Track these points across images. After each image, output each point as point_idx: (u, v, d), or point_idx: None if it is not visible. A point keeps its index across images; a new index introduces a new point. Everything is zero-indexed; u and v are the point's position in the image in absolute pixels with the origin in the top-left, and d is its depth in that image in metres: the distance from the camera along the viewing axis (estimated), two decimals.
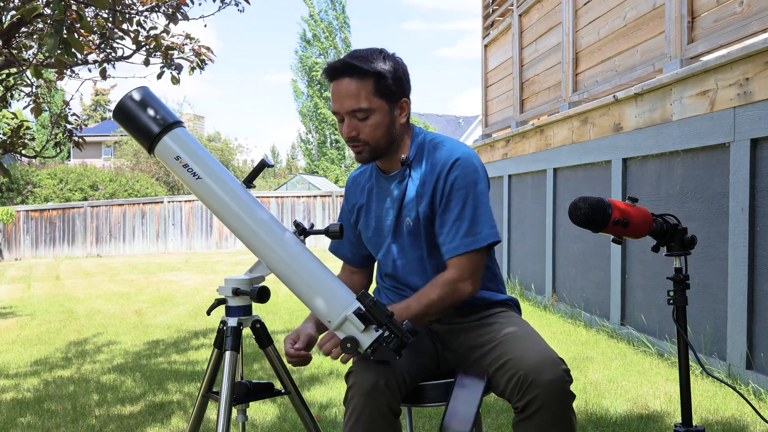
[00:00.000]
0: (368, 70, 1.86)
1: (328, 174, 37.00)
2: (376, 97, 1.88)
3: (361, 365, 1.78)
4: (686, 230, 1.77)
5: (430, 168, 1.95)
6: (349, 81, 1.87)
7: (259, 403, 3.55)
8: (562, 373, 1.72)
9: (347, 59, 1.87)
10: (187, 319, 6.96)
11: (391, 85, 1.89)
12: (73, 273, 13.26)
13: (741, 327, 3.73)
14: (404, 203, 1.98)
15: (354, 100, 1.86)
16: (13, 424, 3.51)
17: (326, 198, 18.97)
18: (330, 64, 1.89)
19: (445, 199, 1.91)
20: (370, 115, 1.88)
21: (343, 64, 1.87)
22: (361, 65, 1.85)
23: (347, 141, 1.91)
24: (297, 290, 1.77)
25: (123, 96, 1.78)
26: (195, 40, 5.12)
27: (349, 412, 1.75)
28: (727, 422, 3.16)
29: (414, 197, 1.96)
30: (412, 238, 1.98)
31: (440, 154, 1.95)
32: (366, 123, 1.88)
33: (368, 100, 1.87)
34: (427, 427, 3.23)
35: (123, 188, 22.63)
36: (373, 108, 1.88)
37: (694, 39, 4.31)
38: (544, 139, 6.68)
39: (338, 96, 1.88)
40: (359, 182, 2.13)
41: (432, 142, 1.99)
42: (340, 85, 1.88)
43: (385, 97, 1.89)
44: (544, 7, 6.92)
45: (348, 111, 1.88)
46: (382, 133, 1.90)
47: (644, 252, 4.83)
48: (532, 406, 1.70)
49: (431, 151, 1.97)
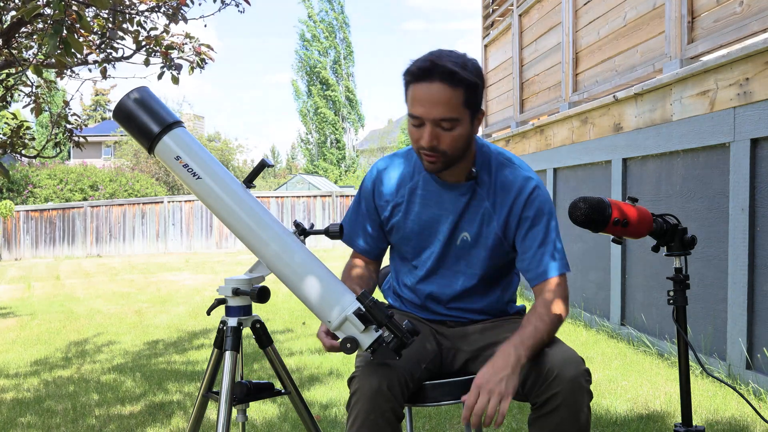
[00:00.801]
0: (464, 78, 1.74)
1: (328, 174, 37.00)
2: (464, 108, 1.77)
3: (365, 369, 1.77)
4: (686, 230, 1.77)
5: (501, 187, 1.89)
6: (441, 86, 1.73)
7: (259, 403, 3.55)
8: (584, 371, 1.73)
9: (443, 62, 1.74)
10: (187, 319, 6.96)
11: (477, 97, 1.79)
12: (73, 273, 13.27)
13: (741, 327, 3.73)
14: (465, 216, 1.92)
15: (444, 108, 1.74)
16: (13, 423, 3.51)
17: (326, 198, 18.97)
18: (420, 65, 1.75)
19: (528, 224, 1.87)
20: (456, 125, 1.77)
21: (439, 67, 1.73)
22: (460, 72, 1.73)
23: (423, 149, 1.79)
24: (296, 290, 1.77)
25: (123, 96, 1.78)
26: (195, 40, 5.12)
27: (352, 418, 1.74)
28: (727, 422, 3.16)
29: (480, 214, 1.90)
30: (463, 253, 1.95)
31: (514, 176, 1.89)
32: (450, 133, 1.77)
33: (458, 109, 1.76)
34: (427, 426, 3.23)
35: (123, 188, 22.63)
36: (460, 118, 1.77)
37: (694, 39, 4.31)
38: (544, 139, 6.68)
39: (425, 100, 1.74)
40: (395, 177, 2.01)
41: (499, 158, 1.93)
42: (430, 90, 1.74)
43: (471, 108, 1.79)
44: (544, 7, 6.92)
45: (434, 119, 1.75)
46: (461, 145, 1.81)
47: (644, 252, 4.83)
48: (552, 402, 1.70)
49: (499, 168, 1.91)
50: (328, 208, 18.81)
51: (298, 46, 41.51)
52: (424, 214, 1.96)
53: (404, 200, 1.98)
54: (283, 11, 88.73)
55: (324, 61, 39.37)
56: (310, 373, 4.38)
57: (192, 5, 4.83)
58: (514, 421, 3.25)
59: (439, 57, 1.76)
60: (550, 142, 6.52)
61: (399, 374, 1.77)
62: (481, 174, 1.91)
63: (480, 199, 1.91)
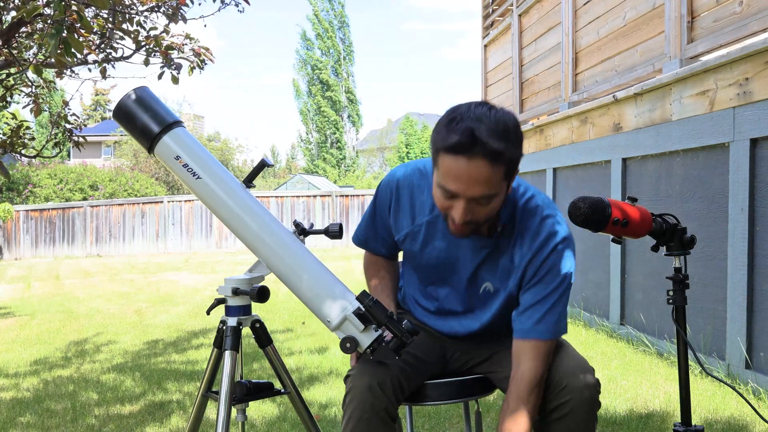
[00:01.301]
0: (510, 156, 1.60)
1: (327, 174, 37.00)
2: (503, 181, 1.63)
3: (359, 369, 1.78)
4: (685, 230, 1.77)
5: (522, 239, 1.78)
6: (482, 164, 1.57)
7: (258, 403, 3.55)
8: (595, 381, 1.75)
9: (485, 137, 1.55)
10: (186, 318, 6.96)
11: (516, 166, 1.65)
12: (73, 273, 13.26)
13: (740, 326, 3.73)
14: (484, 265, 1.83)
15: (484, 187, 1.60)
16: (12, 423, 3.51)
17: (326, 198, 18.97)
18: (460, 139, 1.56)
19: (537, 278, 1.77)
20: (493, 199, 1.64)
21: (482, 143, 1.55)
22: (505, 150, 1.58)
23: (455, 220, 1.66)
24: (296, 290, 1.77)
25: (123, 96, 1.78)
26: (195, 41, 5.12)
27: (347, 417, 1.74)
28: (727, 422, 3.16)
29: (500, 267, 1.82)
30: (485, 300, 1.89)
31: (537, 229, 1.77)
32: (486, 207, 1.65)
33: (497, 185, 1.62)
34: (427, 426, 3.23)
35: (123, 188, 22.62)
36: (498, 193, 1.64)
37: (693, 39, 4.32)
38: (543, 139, 6.69)
39: (464, 178, 1.59)
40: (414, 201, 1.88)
41: (525, 205, 1.79)
42: (469, 167, 1.57)
43: (509, 179, 1.66)
44: (543, 7, 6.92)
45: (473, 196, 1.61)
46: (495, 213, 1.70)
47: (644, 252, 4.83)
48: (562, 409, 1.71)
49: (525, 216, 1.78)
50: (328, 208, 18.81)
51: (299, 45, 41.57)
52: (443, 252, 1.85)
53: (421, 230, 1.87)
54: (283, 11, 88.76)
55: (326, 61, 39.39)
56: (309, 372, 4.38)
57: (192, 5, 4.84)
58: None
59: (479, 128, 1.56)
60: (549, 142, 6.52)
61: (393, 374, 1.77)
62: (507, 226, 1.80)
63: (501, 252, 1.81)
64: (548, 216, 1.78)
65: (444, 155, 1.60)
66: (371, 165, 40.16)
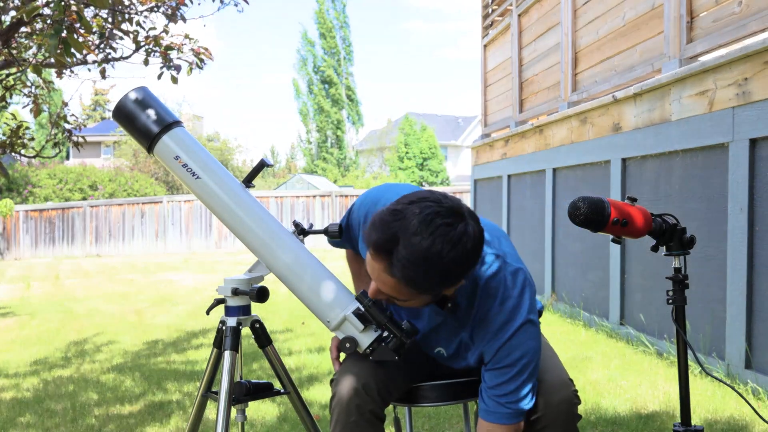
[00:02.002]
0: (420, 285, 1.53)
1: (327, 174, 36.99)
2: (420, 295, 1.58)
3: (343, 372, 1.79)
4: (685, 230, 1.77)
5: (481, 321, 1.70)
6: (390, 278, 1.53)
7: (258, 403, 3.55)
8: (571, 395, 1.73)
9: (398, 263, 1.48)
10: (186, 318, 6.96)
11: (444, 286, 1.57)
12: (73, 273, 13.26)
13: (740, 326, 3.73)
14: (439, 331, 1.79)
15: (394, 293, 1.58)
16: (12, 423, 3.51)
17: (325, 198, 18.96)
18: (375, 238, 1.50)
19: (495, 364, 1.69)
20: (409, 301, 1.61)
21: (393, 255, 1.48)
22: (413, 280, 1.50)
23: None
24: (296, 290, 1.77)
25: (122, 96, 1.78)
26: (194, 41, 5.13)
27: (334, 419, 1.75)
28: (726, 422, 3.17)
29: (458, 342, 1.77)
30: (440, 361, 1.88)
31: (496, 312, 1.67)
32: (405, 302, 1.63)
33: (409, 296, 1.58)
34: (427, 427, 3.23)
35: (122, 188, 22.63)
36: (414, 299, 1.61)
37: (692, 39, 4.32)
38: (543, 139, 6.69)
39: (375, 276, 1.56)
40: None
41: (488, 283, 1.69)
42: (378, 270, 1.53)
43: (429, 295, 1.60)
44: (543, 6, 6.92)
45: (384, 293, 1.60)
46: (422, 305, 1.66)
47: (643, 252, 4.83)
48: (537, 424, 1.71)
49: (484, 295, 1.69)
50: (328, 208, 18.81)
51: (299, 45, 41.57)
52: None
53: None
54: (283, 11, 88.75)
55: (329, 60, 39.38)
56: (309, 372, 4.38)
57: (191, 5, 4.84)
58: None
59: (399, 245, 1.47)
60: (549, 142, 6.52)
61: (378, 375, 1.77)
62: (461, 301, 1.70)
63: (458, 325, 1.74)
64: (507, 298, 1.68)
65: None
66: (371, 165, 40.13)
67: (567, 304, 6.15)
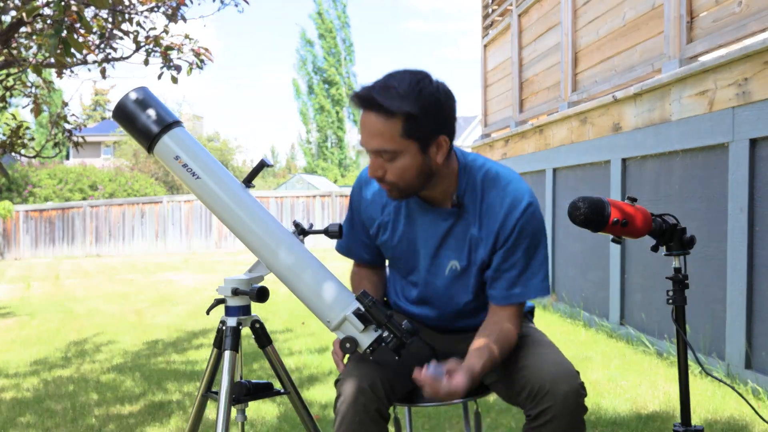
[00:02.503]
0: (395, 111, 1.64)
1: (327, 174, 37.00)
2: (404, 139, 1.67)
3: (349, 371, 1.78)
4: (685, 230, 1.77)
5: (487, 212, 1.80)
6: (375, 118, 1.66)
7: (258, 403, 3.55)
8: (578, 386, 1.71)
9: (374, 93, 1.65)
10: (186, 318, 6.96)
11: (423, 126, 1.67)
12: (73, 273, 13.26)
13: (740, 326, 3.73)
14: (449, 241, 1.84)
15: (378, 140, 1.68)
16: (12, 423, 3.51)
17: (326, 198, 18.96)
18: (355, 93, 1.69)
19: (507, 246, 1.78)
20: (397, 156, 1.69)
21: (368, 97, 1.66)
22: (387, 104, 1.63)
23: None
24: (296, 290, 1.77)
25: (122, 96, 1.78)
26: (194, 41, 5.13)
27: (339, 419, 1.75)
28: (726, 422, 3.16)
29: (468, 242, 1.82)
30: (456, 281, 1.88)
31: (501, 198, 1.79)
32: (393, 164, 1.70)
33: (394, 141, 1.67)
34: (427, 427, 3.23)
35: (122, 188, 22.63)
36: (399, 150, 1.68)
37: (693, 39, 4.32)
38: (543, 139, 6.69)
39: (363, 131, 1.71)
40: (376, 198, 1.93)
41: (486, 177, 1.81)
42: (365, 120, 1.69)
43: (416, 139, 1.68)
44: (543, 6, 6.92)
45: (371, 149, 1.70)
46: (411, 176, 1.72)
47: (643, 252, 4.83)
48: (544, 416, 1.69)
49: (487, 187, 1.80)
50: (328, 208, 18.81)
51: (299, 45, 41.54)
52: (408, 233, 1.88)
53: (390, 219, 1.90)
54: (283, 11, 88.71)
55: (330, 59, 39.38)
56: (309, 372, 4.38)
57: (191, 5, 4.84)
58: (513, 420, 3.26)
59: (380, 85, 1.67)
60: (549, 142, 6.52)
61: (383, 374, 1.77)
62: (466, 198, 1.81)
63: (466, 225, 1.82)
64: (510, 182, 1.81)
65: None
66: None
67: (567, 304, 6.15)
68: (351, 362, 1.83)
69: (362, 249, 2.02)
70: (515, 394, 1.78)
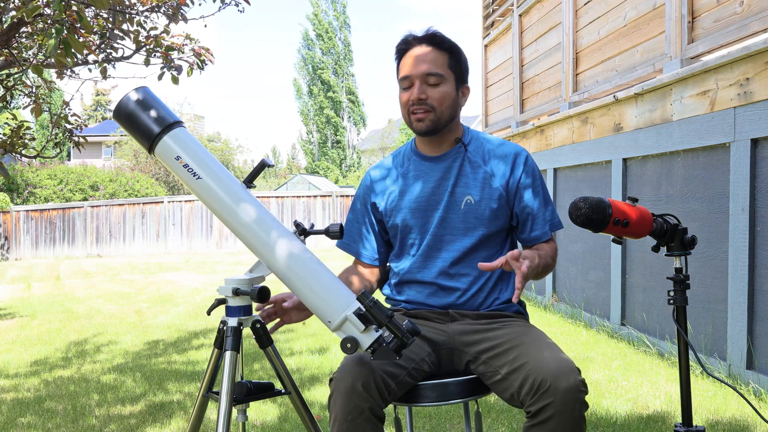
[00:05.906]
0: (448, 44, 2.01)
1: (328, 174, 37.00)
2: (449, 69, 2.00)
3: (342, 370, 1.79)
4: (686, 230, 1.77)
5: (495, 155, 2.06)
6: (427, 48, 2.00)
7: (259, 403, 3.55)
8: (579, 382, 1.71)
9: (428, 33, 2.02)
10: (187, 319, 6.96)
11: (460, 64, 2.03)
12: (73, 273, 13.27)
13: (741, 327, 3.73)
14: (462, 180, 2.04)
15: (430, 65, 1.98)
16: (13, 424, 3.51)
17: (326, 198, 18.97)
18: (410, 33, 2.03)
19: (529, 186, 2.04)
20: (441, 82, 1.99)
21: (430, 32, 2.02)
22: (442, 37, 2.02)
23: (413, 104, 1.98)
24: (297, 290, 1.77)
25: (123, 96, 1.77)
26: (195, 41, 5.12)
27: (332, 418, 1.76)
28: (728, 422, 3.16)
29: (481, 178, 2.03)
30: (469, 216, 2.03)
31: (503, 146, 2.08)
32: (436, 89, 1.98)
33: (443, 68, 1.99)
34: (427, 427, 3.23)
35: (123, 188, 22.64)
36: (445, 77, 1.99)
37: (694, 39, 4.31)
38: (544, 139, 6.68)
39: (414, 60, 1.99)
40: (387, 172, 2.16)
41: (481, 136, 2.12)
42: (418, 51, 2.00)
43: (456, 72, 2.02)
44: (544, 7, 6.92)
45: (422, 74, 1.98)
46: (447, 105, 2.00)
47: (644, 252, 4.83)
48: (545, 412, 1.69)
49: (483, 142, 2.10)
50: (329, 208, 18.81)
51: (300, 45, 41.51)
52: (423, 188, 2.07)
53: (398, 184, 2.11)
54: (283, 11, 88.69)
55: (327, 61, 39.38)
56: (310, 373, 4.38)
57: (192, 5, 4.83)
58: (514, 420, 3.25)
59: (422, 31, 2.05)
60: (550, 142, 6.52)
61: (377, 374, 1.78)
62: (470, 146, 2.08)
63: (476, 164, 2.06)
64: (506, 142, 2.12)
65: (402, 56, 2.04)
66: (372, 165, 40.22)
67: (568, 304, 6.15)
68: (346, 361, 1.83)
69: (360, 245, 2.16)
70: (516, 391, 1.78)
